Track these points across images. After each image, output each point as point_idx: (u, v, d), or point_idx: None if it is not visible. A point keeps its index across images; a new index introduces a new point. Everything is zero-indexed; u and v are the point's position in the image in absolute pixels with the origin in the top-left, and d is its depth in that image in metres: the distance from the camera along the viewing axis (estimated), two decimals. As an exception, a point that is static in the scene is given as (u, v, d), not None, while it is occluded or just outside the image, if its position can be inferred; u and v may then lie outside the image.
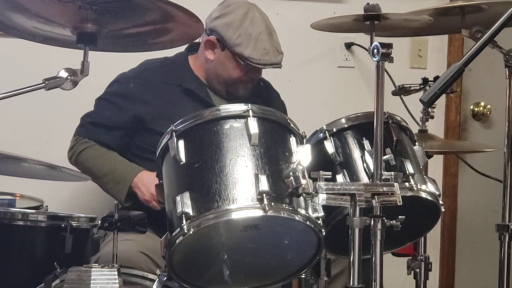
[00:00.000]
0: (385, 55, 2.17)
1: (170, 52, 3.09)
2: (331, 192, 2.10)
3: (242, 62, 3.03)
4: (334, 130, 2.52)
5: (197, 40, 2.94)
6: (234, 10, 3.06)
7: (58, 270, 2.34)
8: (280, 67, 3.11)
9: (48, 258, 2.42)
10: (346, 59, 3.96)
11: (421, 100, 2.07)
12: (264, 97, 3.24)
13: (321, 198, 2.10)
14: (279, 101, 3.36)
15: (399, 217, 2.21)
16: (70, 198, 3.52)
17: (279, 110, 2.39)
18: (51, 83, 2.16)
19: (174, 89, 3.11)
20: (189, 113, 2.33)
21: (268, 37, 3.05)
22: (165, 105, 3.06)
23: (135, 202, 2.95)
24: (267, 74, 3.48)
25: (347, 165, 2.46)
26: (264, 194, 2.11)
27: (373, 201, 2.11)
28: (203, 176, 2.19)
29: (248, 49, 2.99)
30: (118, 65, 3.19)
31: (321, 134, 2.51)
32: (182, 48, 3.21)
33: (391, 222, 2.18)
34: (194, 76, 3.16)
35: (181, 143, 2.24)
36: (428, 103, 2.04)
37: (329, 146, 2.48)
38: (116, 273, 2.23)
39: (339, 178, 2.43)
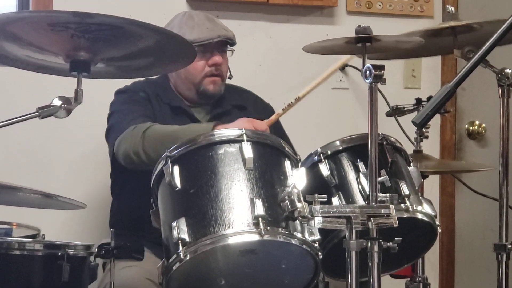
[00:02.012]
0: (377, 76, 2.18)
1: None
2: (326, 215, 2.10)
3: None
4: (329, 152, 2.52)
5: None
6: (175, 17, 3.18)
7: (55, 299, 2.33)
8: (232, 43, 3.15)
9: (45, 287, 2.41)
10: (340, 80, 3.97)
11: (413, 122, 2.07)
12: (240, 104, 3.26)
13: (317, 221, 2.10)
14: (262, 105, 3.37)
15: (396, 238, 2.20)
16: (67, 226, 3.51)
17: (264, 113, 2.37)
18: (45, 111, 2.15)
19: (164, 107, 3.13)
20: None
21: (209, 21, 3.13)
22: (160, 119, 3.06)
23: None
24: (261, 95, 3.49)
25: (342, 188, 2.46)
26: (260, 219, 2.12)
27: (369, 223, 2.10)
28: (199, 201, 2.19)
29: (192, 34, 3.04)
30: (112, 91, 3.19)
31: (316, 157, 2.52)
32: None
33: (388, 244, 2.17)
34: (178, 97, 3.18)
35: (176, 169, 2.25)
36: (420, 125, 2.04)
37: (324, 169, 2.48)
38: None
39: (335, 200, 2.42)
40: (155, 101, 3.12)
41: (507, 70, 2.50)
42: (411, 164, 2.62)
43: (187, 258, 2.13)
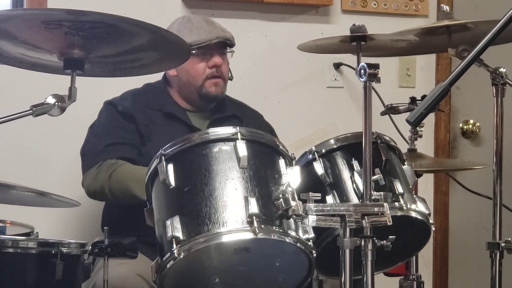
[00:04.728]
0: (372, 75, 2.17)
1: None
2: (321, 213, 2.10)
3: (193, 52, 3.06)
4: (323, 151, 2.52)
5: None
6: (174, 22, 3.22)
7: (49, 297, 2.32)
8: (231, 44, 3.18)
9: (39, 285, 2.40)
10: (335, 79, 3.97)
11: (407, 121, 2.08)
12: (239, 117, 3.27)
13: (311, 220, 2.10)
14: (259, 121, 3.36)
15: (390, 237, 2.20)
16: (61, 223, 3.51)
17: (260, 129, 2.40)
18: (39, 109, 2.15)
19: (156, 114, 3.15)
20: (170, 135, 2.32)
21: (208, 24, 3.15)
22: (149, 127, 3.07)
23: None
24: (254, 97, 3.49)
25: (337, 186, 2.46)
26: (254, 217, 2.11)
27: (363, 222, 2.11)
28: (193, 199, 2.19)
29: (190, 37, 3.07)
30: (106, 89, 3.19)
31: (310, 156, 2.52)
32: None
33: (382, 242, 2.17)
34: (173, 102, 3.21)
35: (170, 167, 2.24)
36: (414, 124, 2.04)
37: (319, 167, 2.48)
38: (107, 299, 2.21)
39: (329, 199, 2.43)
40: (144, 110, 3.14)
41: (501, 69, 2.51)
42: (405, 163, 2.62)
43: (181, 256, 2.12)
